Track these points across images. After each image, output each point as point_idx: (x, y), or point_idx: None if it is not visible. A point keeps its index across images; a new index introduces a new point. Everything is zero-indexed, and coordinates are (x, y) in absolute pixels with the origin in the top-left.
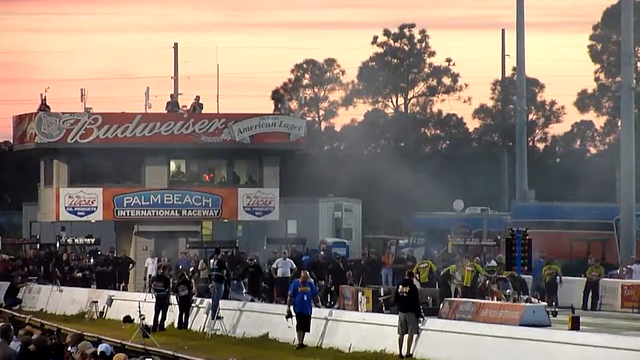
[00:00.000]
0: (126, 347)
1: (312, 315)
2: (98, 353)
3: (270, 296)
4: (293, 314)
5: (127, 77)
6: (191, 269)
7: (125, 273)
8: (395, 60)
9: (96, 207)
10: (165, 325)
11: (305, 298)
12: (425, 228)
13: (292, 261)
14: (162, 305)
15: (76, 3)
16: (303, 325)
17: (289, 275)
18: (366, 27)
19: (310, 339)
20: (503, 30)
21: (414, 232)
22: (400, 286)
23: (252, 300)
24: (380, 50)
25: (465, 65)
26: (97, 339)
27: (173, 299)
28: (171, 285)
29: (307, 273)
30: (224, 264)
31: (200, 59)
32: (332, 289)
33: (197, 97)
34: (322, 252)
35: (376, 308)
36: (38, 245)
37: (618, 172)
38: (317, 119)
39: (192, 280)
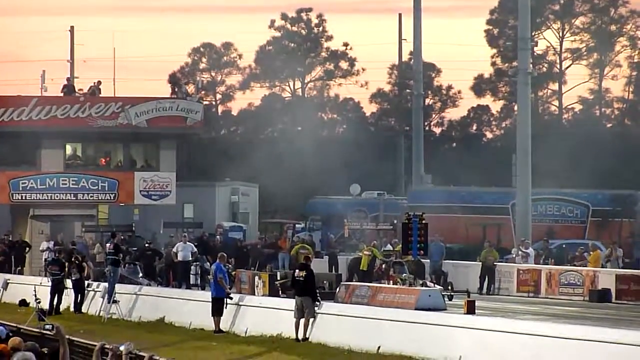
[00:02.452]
0: (22, 330)
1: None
2: None
3: (166, 280)
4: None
5: (22, 60)
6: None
7: (21, 257)
8: (293, 45)
9: None
10: (62, 309)
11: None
12: (322, 212)
13: (192, 245)
14: (57, 289)
15: None
16: (219, 310)
17: (190, 258)
18: (263, 11)
19: (205, 323)
20: (400, 15)
21: (311, 216)
22: (297, 270)
23: (148, 284)
24: (277, 34)
25: (362, 49)
26: None
27: (69, 282)
28: (67, 269)
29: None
30: (120, 248)
31: (97, 42)
32: (234, 273)
33: (98, 82)
34: (218, 237)
35: (273, 292)
36: None
37: (514, 157)
38: (214, 102)
39: (85, 264)
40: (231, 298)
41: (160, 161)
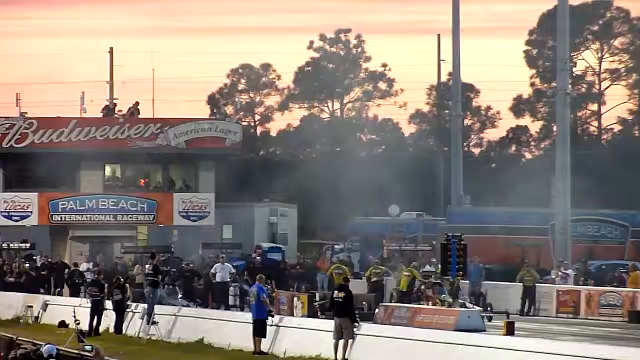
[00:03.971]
0: (61, 352)
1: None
2: (45, 355)
3: (205, 301)
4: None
5: (62, 82)
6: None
7: (60, 278)
8: (331, 65)
9: (31, 212)
10: (101, 331)
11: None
12: (361, 233)
13: (230, 266)
14: (96, 311)
15: (10, 7)
16: (262, 332)
17: (228, 279)
18: (302, 32)
19: (244, 344)
20: (439, 36)
21: (350, 237)
22: (336, 291)
23: (186, 305)
24: (316, 55)
25: (401, 70)
26: (32, 343)
27: (109, 304)
28: (106, 290)
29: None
30: (159, 269)
31: (136, 64)
32: (273, 294)
33: (137, 103)
34: (258, 257)
35: (311, 313)
36: None
37: (553, 177)
38: (252, 123)
39: (127, 285)
40: (273, 316)
41: (199, 182)
